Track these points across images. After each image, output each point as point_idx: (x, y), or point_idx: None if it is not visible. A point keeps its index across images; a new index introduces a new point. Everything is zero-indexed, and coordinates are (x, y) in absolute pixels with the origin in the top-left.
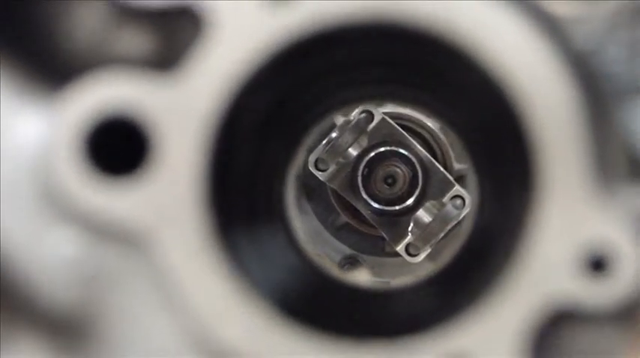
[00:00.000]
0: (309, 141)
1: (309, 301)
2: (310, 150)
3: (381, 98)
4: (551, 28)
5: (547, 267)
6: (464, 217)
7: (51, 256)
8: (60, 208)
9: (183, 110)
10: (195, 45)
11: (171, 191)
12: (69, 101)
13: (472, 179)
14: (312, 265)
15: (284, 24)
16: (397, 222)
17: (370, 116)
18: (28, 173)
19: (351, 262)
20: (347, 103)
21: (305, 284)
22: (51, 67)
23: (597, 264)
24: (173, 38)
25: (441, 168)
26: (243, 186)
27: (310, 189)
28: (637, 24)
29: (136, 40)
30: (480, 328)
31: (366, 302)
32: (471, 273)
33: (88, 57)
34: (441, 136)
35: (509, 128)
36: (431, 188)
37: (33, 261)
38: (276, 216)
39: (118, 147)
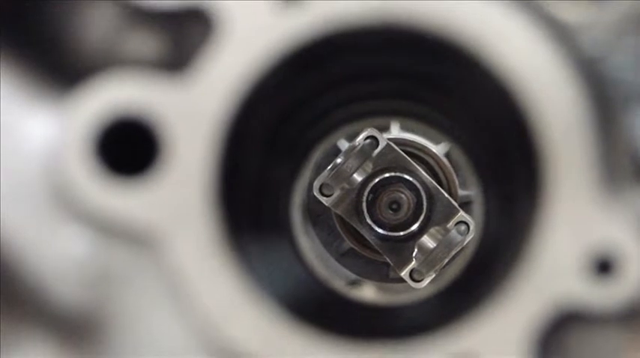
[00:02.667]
0: (315, 161)
1: (316, 307)
2: (317, 173)
3: (389, 114)
4: (560, 34)
5: (553, 268)
6: (468, 243)
7: (61, 255)
8: (70, 208)
9: (193, 111)
10: (206, 46)
11: (181, 191)
12: (80, 102)
13: (477, 198)
14: (318, 279)
15: (295, 25)
16: (401, 248)
17: (375, 142)
18: (39, 173)
19: (355, 287)
20: (355, 119)
21: (312, 293)
22: (62, 68)
23: (603, 266)
24: (184, 39)
25: (446, 195)
26: (251, 194)
27: (315, 214)
28: None
29: (146, 42)
30: (486, 329)
31: (372, 311)
32: (478, 279)
33: (98, 58)
34: (446, 162)
35: (516, 133)
36: (435, 214)
37: (43, 260)
38: (283, 231)
39: (128, 147)
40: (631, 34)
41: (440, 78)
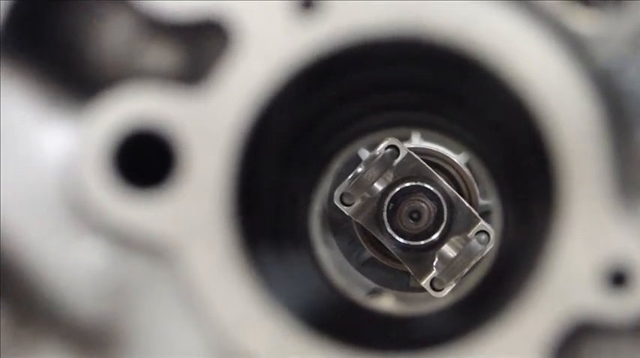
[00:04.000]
0: (334, 170)
1: (333, 318)
2: (337, 182)
3: (408, 125)
4: (575, 47)
5: (569, 280)
6: (488, 252)
7: (78, 267)
8: (87, 220)
9: (210, 124)
10: (223, 58)
11: (198, 203)
12: (97, 114)
13: (496, 208)
14: (336, 289)
15: (312, 37)
16: (422, 257)
17: (396, 151)
18: (56, 185)
19: (374, 297)
20: (374, 130)
21: (329, 304)
22: (79, 80)
23: (618, 278)
24: (200, 52)
25: (466, 204)
26: (268, 206)
27: (335, 223)
28: None
29: (163, 54)
30: (502, 340)
31: (389, 322)
32: (494, 291)
33: (116, 70)
34: (467, 172)
35: (531, 145)
36: (456, 223)
37: (60, 272)
38: (301, 241)
39: (145, 159)
40: None
41: (457, 90)
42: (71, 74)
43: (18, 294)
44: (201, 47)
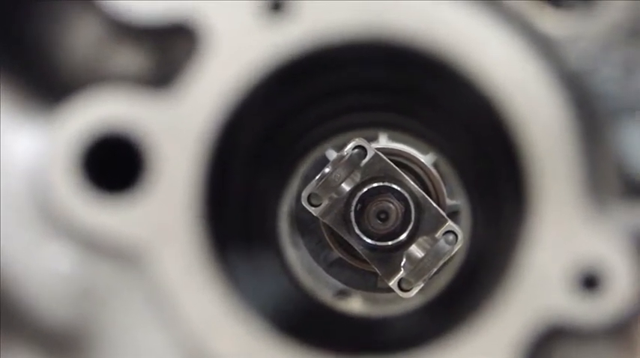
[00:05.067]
0: (302, 171)
1: (302, 321)
2: (305, 183)
3: (375, 126)
4: (545, 48)
5: (539, 283)
6: (456, 252)
7: (46, 271)
8: (55, 224)
9: (179, 127)
10: (192, 61)
11: (167, 208)
12: (65, 118)
13: (465, 209)
14: (305, 291)
15: (281, 39)
16: (390, 258)
17: (363, 152)
18: (24, 189)
19: (342, 298)
20: (342, 131)
21: (298, 306)
22: (47, 84)
23: (590, 281)
24: (169, 55)
25: (434, 204)
26: (238, 208)
27: (303, 224)
28: (629, 43)
29: (131, 58)
30: (472, 344)
31: (359, 325)
32: (464, 293)
33: (84, 74)
34: (434, 172)
35: (501, 147)
36: (424, 223)
37: (28, 276)
38: (270, 242)
39: (113, 164)
40: (618, 46)
41: (425, 91)
42: (39, 78)
43: None
44: (169, 50)
